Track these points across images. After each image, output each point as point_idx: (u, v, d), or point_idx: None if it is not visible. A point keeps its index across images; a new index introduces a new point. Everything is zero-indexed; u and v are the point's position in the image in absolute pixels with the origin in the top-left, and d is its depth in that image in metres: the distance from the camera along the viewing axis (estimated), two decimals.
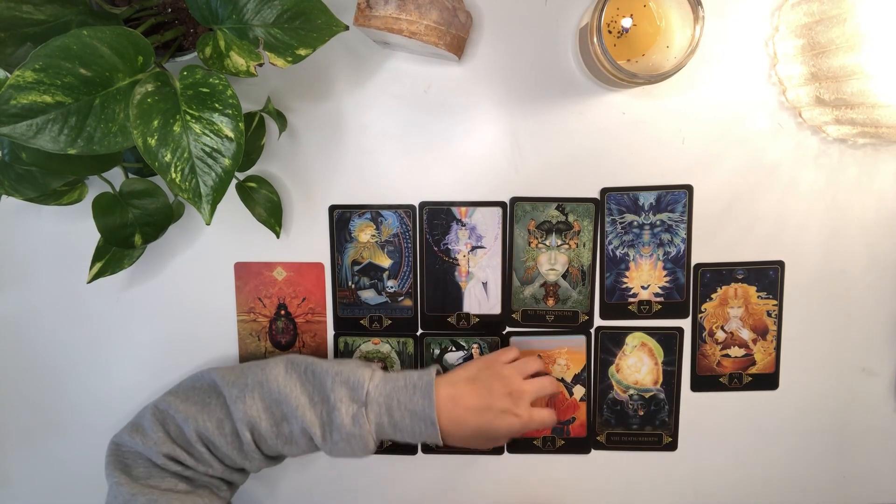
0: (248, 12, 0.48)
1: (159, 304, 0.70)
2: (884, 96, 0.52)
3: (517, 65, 0.65)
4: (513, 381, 0.62)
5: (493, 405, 0.60)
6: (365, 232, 0.68)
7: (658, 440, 0.70)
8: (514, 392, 0.61)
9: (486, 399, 0.61)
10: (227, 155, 0.45)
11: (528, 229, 0.68)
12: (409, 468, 0.72)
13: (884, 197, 0.66)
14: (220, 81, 0.46)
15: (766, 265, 0.68)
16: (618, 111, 0.66)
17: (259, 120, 0.63)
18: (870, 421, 0.69)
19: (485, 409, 0.60)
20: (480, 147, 0.67)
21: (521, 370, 0.64)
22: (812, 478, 0.70)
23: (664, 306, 0.68)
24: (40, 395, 0.72)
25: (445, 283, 0.69)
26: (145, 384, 0.71)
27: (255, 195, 0.65)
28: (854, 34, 0.52)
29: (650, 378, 0.69)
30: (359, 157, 0.67)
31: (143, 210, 0.60)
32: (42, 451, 0.73)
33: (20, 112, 0.40)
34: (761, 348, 0.69)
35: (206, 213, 0.45)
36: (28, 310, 0.71)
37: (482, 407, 0.60)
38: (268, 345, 0.71)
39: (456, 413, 0.60)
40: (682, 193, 0.67)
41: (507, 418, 0.60)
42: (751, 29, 0.64)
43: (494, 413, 0.60)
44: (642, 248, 0.68)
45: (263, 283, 0.70)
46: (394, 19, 0.56)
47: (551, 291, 0.69)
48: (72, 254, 0.69)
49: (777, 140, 0.65)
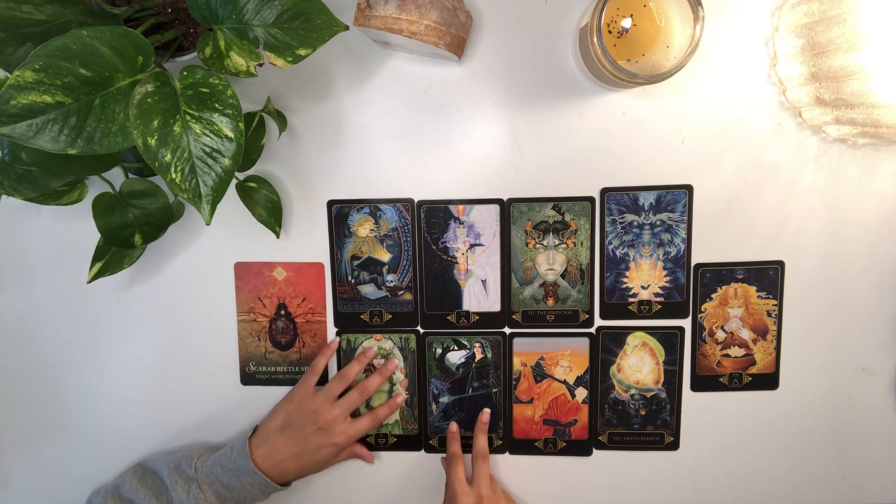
0: (248, 12, 0.48)
1: (159, 304, 0.70)
2: (884, 96, 0.52)
3: (517, 65, 0.65)
4: (321, 414, 0.66)
5: (306, 447, 0.65)
6: (364, 226, 0.68)
7: (660, 439, 0.70)
8: (324, 424, 0.65)
9: (299, 444, 0.65)
10: (227, 155, 0.45)
11: (524, 230, 0.68)
12: (411, 467, 0.72)
13: (884, 197, 0.66)
14: (220, 81, 0.46)
15: (766, 265, 0.68)
16: (618, 111, 0.66)
17: (259, 120, 0.63)
18: (870, 421, 0.69)
19: (299, 453, 0.65)
20: (480, 147, 0.67)
21: (328, 396, 0.67)
22: (812, 478, 0.70)
23: (664, 306, 0.68)
24: (40, 395, 0.72)
25: (444, 281, 0.69)
26: (145, 384, 0.71)
27: (255, 195, 0.65)
28: (854, 34, 0.52)
29: (651, 378, 0.69)
30: (359, 157, 0.67)
31: (143, 210, 0.60)
32: (41, 452, 0.73)
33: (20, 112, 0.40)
34: (761, 348, 0.69)
35: (206, 213, 0.45)
36: (28, 310, 0.71)
37: (296, 453, 0.65)
38: (268, 345, 0.71)
39: (277, 467, 0.65)
40: (682, 193, 0.67)
41: (324, 450, 0.66)
42: (751, 29, 0.64)
43: (310, 453, 0.65)
44: (642, 248, 0.68)
45: (263, 283, 0.70)
46: (394, 19, 0.56)
47: (551, 291, 0.69)
48: (72, 254, 0.69)
49: (777, 140, 0.65)
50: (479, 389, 0.70)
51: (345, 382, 0.68)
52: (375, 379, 0.69)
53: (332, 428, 0.65)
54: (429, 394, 0.71)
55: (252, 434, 0.66)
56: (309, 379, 0.68)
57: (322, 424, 0.65)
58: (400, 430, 0.71)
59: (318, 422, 0.65)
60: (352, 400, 0.67)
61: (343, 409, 0.66)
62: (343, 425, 0.66)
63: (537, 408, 0.70)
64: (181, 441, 0.72)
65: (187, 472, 0.64)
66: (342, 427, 0.66)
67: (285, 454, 0.65)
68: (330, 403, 0.66)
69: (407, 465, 0.72)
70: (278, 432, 0.66)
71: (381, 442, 0.71)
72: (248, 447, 0.64)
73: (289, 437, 0.65)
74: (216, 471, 0.63)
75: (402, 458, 0.72)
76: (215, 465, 0.64)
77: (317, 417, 0.65)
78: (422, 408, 0.71)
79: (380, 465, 0.72)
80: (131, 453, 0.72)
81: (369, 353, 0.70)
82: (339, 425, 0.66)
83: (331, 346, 0.70)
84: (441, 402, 0.71)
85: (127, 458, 0.72)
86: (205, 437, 0.72)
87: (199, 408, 0.72)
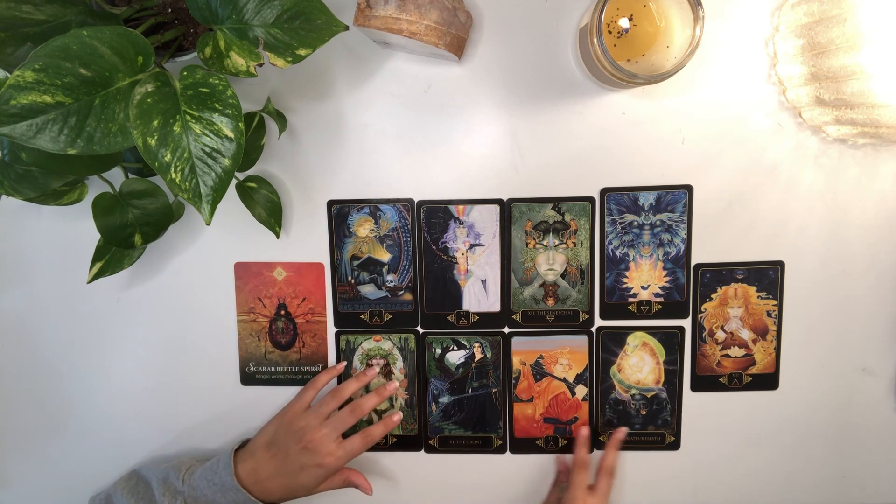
0: (248, 12, 0.48)
1: (159, 304, 0.70)
2: (884, 96, 0.52)
3: (517, 65, 0.65)
4: (307, 433, 0.62)
5: (289, 467, 0.62)
6: (363, 226, 0.68)
7: (661, 439, 0.70)
8: (309, 444, 0.62)
9: (282, 463, 0.62)
10: (227, 155, 0.45)
11: (524, 230, 0.68)
12: (412, 465, 0.72)
13: (884, 197, 0.66)
14: (220, 81, 0.46)
15: (766, 265, 0.68)
16: (618, 111, 0.66)
17: (259, 120, 0.63)
18: (870, 421, 0.69)
19: (282, 472, 0.62)
20: (480, 147, 0.67)
21: (318, 413, 0.64)
22: (812, 478, 0.70)
23: (664, 306, 0.68)
24: (40, 395, 0.72)
25: (444, 281, 0.69)
26: (145, 384, 0.71)
27: (255, 195, 0.65)
28: (854, 34, 0.52)
29: (652, 377, 0.69)
30: (359, 157, 0.67)
31: (143, 210, 0.60)
32: (42, 452, 0.73)
33: (20, 112, 0.40)
34: (761, 348, 0.69)
35: (206, 213, 0.45)
36: (28, 310, 0.71)
37: (280, 472, 0.62)
38: (268, 345, 0.71)
39: (260, 485, 0.62)
40: (682, 193, 0.67)
41: (309, 472, 0.62)
42: (751, 29, 0.64)
43: (293, 473, 0.62)
44: (642, 248, 0.68)
45: (263, 283, 0.70)
46: (394, 19, 0.56)
47: (550, 291, 0.69)
48: (72, 254, 0.69)
49: (777, 140, 0.65)
50: (478, 389, 0.70)
51: (339, 400, 0.65)
52: (371, 399, 0.66)
53: (319, 448, 0.61)
54: (429, 394, 0.71)
55: (239, 447, 0.65)
56: (304, 394, 0.66)
57: (307, 443, 0.62)
58: (400, 430, 0.71)
59: (304, 440, 0.62)
60: (342, 419, 0.63)
61: (331, 429, 0.62)
62: (331, 446, 0.62)
63: (537, 406, 0.70)
64: (181, 440, 0.72)
65: (175, 485, 0.62)
66: (329, 448, 0.62)
67: (269, 472, 0.62)
68: (319, 421, 0.63)
69: (407, 465, 0.72)
70: (264, 448, 0.63)
71: (381, 442, 0.71)
72: (233, 461, 0.62)
73: (274, 454, 0.62)
74: (202, 485, 0.61)
75: (403, 458, 0.72)
76: (201, 479, 0.62)
77: (303, 435, 0.62)
78: (421, 408, 0.71)
79: (380, 465, 0.72)
80: (131, 453, 0.72)
81: (370, 372, 0.68)
82: (327, 446, 0.62)
83: (336, 367, 0.69)
84: (441, 403, 0.71)
85: (127, 457, 0.72)
86: (204, 437, 0.72)
87: (198, 408, 0.72)
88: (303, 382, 0.70)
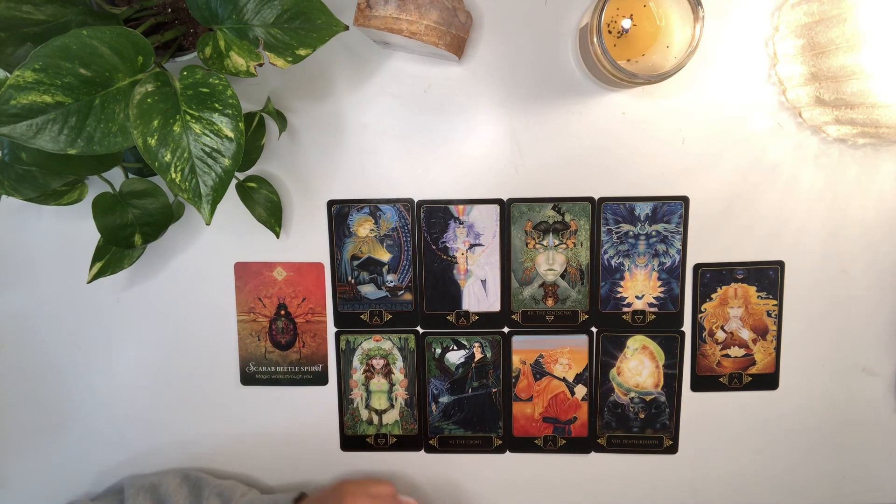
0: (248, 12, 0.48)
1: (159, 304, 0.70)
2: (884, 96, 0.52)
3: (517, 65, 0.65)
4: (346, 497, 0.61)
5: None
6: (363, 226, 0.68)
7: (659, 443, 0.70)
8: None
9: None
10: (227, 155, 0.45)
11: (524, 230, 0.68)
12: (412, 465, 0.72)
13: (884, 197, 0.66)
14: (220, 81, 0.46)
15: (766, 265, 0.68)
16: (618, 111, 0.66)
17: (259, 120, 0.63)
18: (870, 421, 0.69)
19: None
20: (480, 147, 0.67)
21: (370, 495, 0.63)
22: (812, 478, 0.70)
23: (658, 316, 0.68)
24: (40, 395, 0.72)
25: (444, 281, 0.69)
26: (145, 384, 0.71)
27: (255, 195, 0.65)
28: (854, 34, 0.52)
29: (651, 381, 0.69)
30: (359, 157, 0.67)
31: (143, 210, 0.60)
32: (42, 452, 0.73)
33: (20, 112, 0.40)
34: (761, 348, 0.69)
35: (206, 213, 0.45)
36: (28, 310, 0.71)
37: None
38: (268, 345, 0.71)
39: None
40: (678, 204, 0.67)
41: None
42: (751, 29, 0.64)
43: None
44: (637, 257, 0.68)
45: (263, 283, 0.70)
46: (394, 19, 0.56)
47: (550, 292, 0.69)
48: (72, 254, 0.69)
49: (777, 140, 0.65)
50: (478, 389, 0.70)
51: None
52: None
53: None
54: (428, 394, 0.71)
55: (298, 499, 0.65)
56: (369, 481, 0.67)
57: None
58: (400, 430, 0.71)
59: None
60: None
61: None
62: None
63: (537, 405, 0.70)
64: (181, 440, 0.72)
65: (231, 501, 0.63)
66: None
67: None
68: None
69: (407, 465, 0.72)
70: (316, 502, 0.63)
71: (381, 442, 0.71)
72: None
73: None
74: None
75: (403, 458, 0.72)
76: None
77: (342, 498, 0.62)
78: (421, 408, 0.71)
79: (380, 465, 0.72)
80: (131, 453, 0.72)
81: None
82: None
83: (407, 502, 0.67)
84: (441, 402, 0.71)
85: (127, 457, 0.72)
86: (205, 437, 0.72)
87: (198, 408, 0.72)
88: (303, 382, 0.70)
